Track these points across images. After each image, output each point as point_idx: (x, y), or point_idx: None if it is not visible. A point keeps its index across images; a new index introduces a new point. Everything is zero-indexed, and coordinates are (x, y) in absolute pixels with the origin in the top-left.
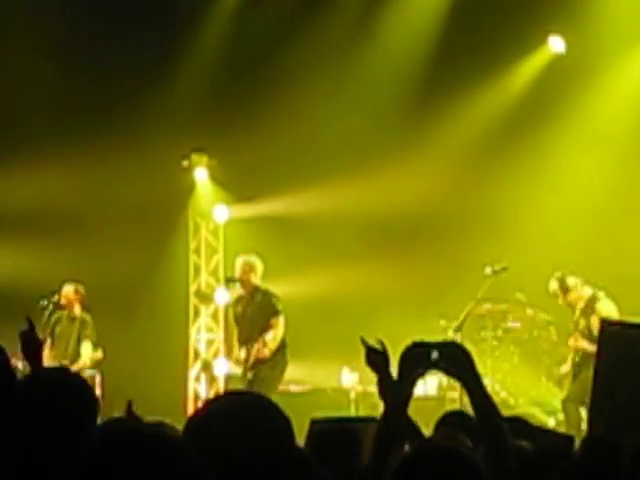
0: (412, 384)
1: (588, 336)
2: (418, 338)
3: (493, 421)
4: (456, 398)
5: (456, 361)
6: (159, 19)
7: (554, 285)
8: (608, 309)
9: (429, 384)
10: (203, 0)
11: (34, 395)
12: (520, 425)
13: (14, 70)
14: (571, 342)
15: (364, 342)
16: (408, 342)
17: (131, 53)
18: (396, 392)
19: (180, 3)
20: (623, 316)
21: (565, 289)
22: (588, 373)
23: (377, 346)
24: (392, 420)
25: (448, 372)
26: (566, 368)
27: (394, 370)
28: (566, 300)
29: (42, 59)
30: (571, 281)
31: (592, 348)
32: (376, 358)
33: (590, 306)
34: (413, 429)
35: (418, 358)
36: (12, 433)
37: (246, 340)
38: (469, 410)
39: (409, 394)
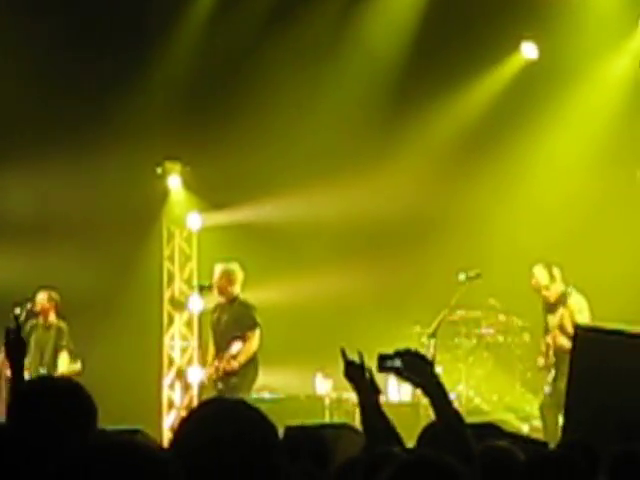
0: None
1: (561, 331)
2: (392, 344)
3: (455, 427)
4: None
5: (417, 369)
6: (131, 27)
7: (542, 273)
8: (580, 303)
9: (403, 390)
10: (176, 7)
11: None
12: (493, 431)
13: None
14: (549, 340)
15: (344, 354)
16: (382, 349)
17: (103, 61)
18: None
19: (152, 11)
20: (597, 316)
21: (552, 277)
22: (564, 378)
23: (355, 359)
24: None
25: (410, 380)
26: (541, 361)
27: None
28: (549, 291)
29: (23, 74)
30: (556, 271)
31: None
32: (354, 371)
33: (564, 301)
34: (393, 434)
35: (380, 366)
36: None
37: (220, 348)
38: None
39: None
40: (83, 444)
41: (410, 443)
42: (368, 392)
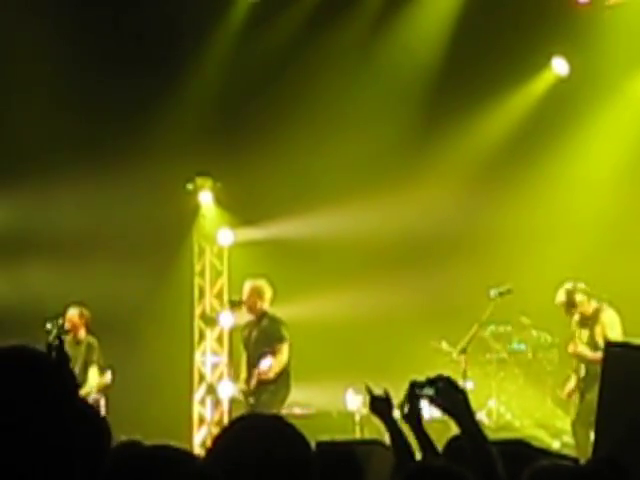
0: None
1: (593, 347)
2: (421, 361)
3: (486, 458)
4: None
5: (450, 397)
6: (164, 42)
7: (562, 297)
8: (611, 318)
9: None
10: (209, 22)
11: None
12: (522, 448)
13: (30, 103)
14: (571, 348)
15: (369, 390)
16: (412, 364)
17: (135, 78)
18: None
19: (185, 26)
20: (628, 330)
21: (572, 303)
22: (594, 394)
23: (381, 394)
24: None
25: (442, 408)
26: (571, 384)
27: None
28: (571, 313)
29: (55, 93)
30: (579, 297)
31: (592, 355)
32: (380, 405)
33: (595, 317)
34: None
35: (412, 394)
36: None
37: (252, 365)
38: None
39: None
40: (96, 467)
41: None
42: (395, 425)
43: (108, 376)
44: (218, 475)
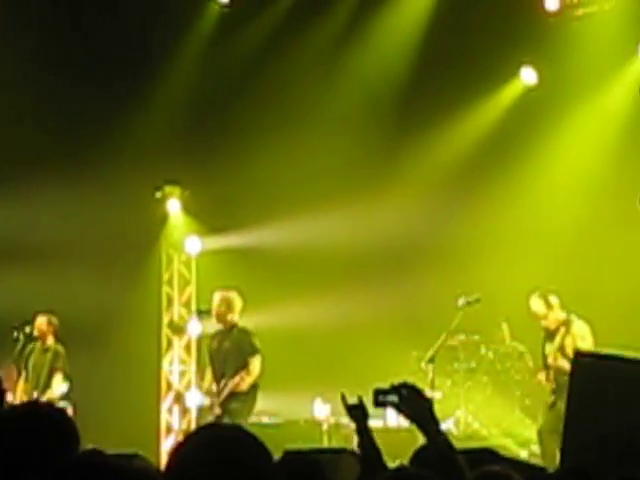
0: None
1: (563, 358)
2: (390, 370)
3: (453, 466)
4: None
5: (414, 404)
6: (133, 49)
7: (538, 303)
8: (582, 329)
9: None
10: (178, 30)
11: (9, 427)
12: (490, 457)
13: None
14: (543, 375)
15: (343, 399)
16: (380, 374)
17: (103, 85)
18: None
19: (154, 33)
20: (599, 343)
21: (549, 306)
22: (563, 403)
23: (355, 402)
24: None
25: (406, 415)
26: (542, 376)
27: None
28: (547, 320)
29: (19, 98)
30: (553, 299)
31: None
32: (356, 413)
33: (565, 328)
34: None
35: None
36: None
37: (219, 374)
38: None
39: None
40: (63, 467)
41: None
42: (368, 432)
43: (66, 385)
44: None
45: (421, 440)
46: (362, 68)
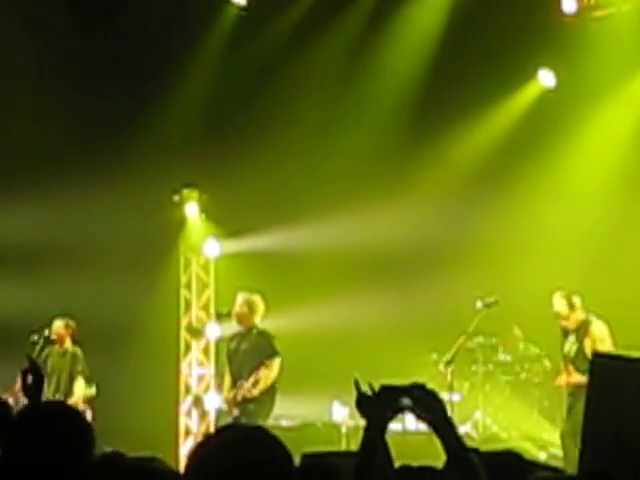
0: (383, 429)
1: (581, 363)
2: (409, 372)
3: (467, 467)
4: None
5: (427, 406)
6: (148, 56)
7: (561, 303)
8: (601, 331)
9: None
10: (194, 36)
11: (32, 427)
12: (512, 459)
13: (17, 119)
14: (563, 379)
15: (357, 385)
16: (399, 375)
17: (122, 90)
18: (367, 438)
19: (171, 40)
20: (619, 342)
21: (572, 306)
22: (582, 405)
23: (368, 391)
24: (367, 464)
25: (419, 417)
26: (561, 379)
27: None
28: (568, 321)
29: (42, 105)
30: (576, 300)
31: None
32: (367, 404)
33: (584, 329)
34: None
35: (387, 402)
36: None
37: (237, 376)
38: None
39: (380, 439)
40: (78, 471)
41: None
42: (377, 433)
43: (93, 388)
44: None
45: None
46: (380, 71)
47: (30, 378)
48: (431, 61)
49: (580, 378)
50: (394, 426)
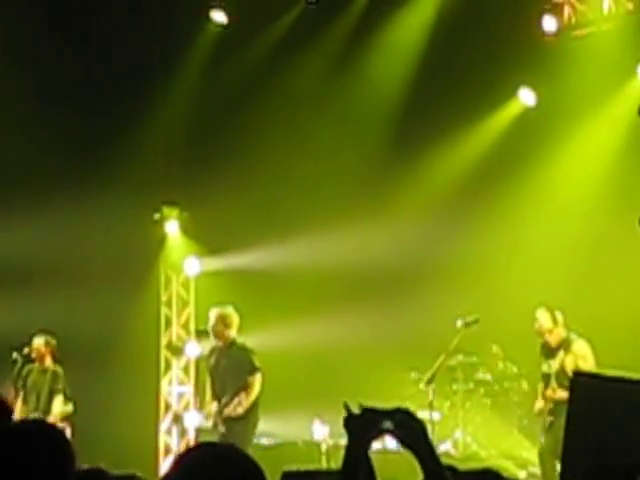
0: (365, 448)
1: (564, 380)
2: (390, 391)
3: None
4: None
5: (409, 431)
6: (131, 73)
7: (545, 316)
8: (584, 349)
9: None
10: (176, 53)
11: (13, 444)
12: (492, 477)
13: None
14: (549, 393)
15: (347, 407)
16: (379, 394)
17: (103, 107)
18: (350, 456)
19: (152, 57)
20: (601, 360)
21: (555, 321)
22: (562, 423)
23: (357, 412)
24: None
25: (401, 441)
26: (540, 404)
27: None
28: (552, 335)
29: (24, 122)
30: (558, 315)
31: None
32: (351, 422)
33: (566, 346)
34: None
35: (368, 425)
36: None
37: (220, 393)
38: None
39: (364, 458)
40: None
41: None
42: (360, 450)
43: (70, 407)
44: None
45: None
46: (361, 89)
47: None
48: (412, 79)
49: (564, 394)
50: (374, 445)
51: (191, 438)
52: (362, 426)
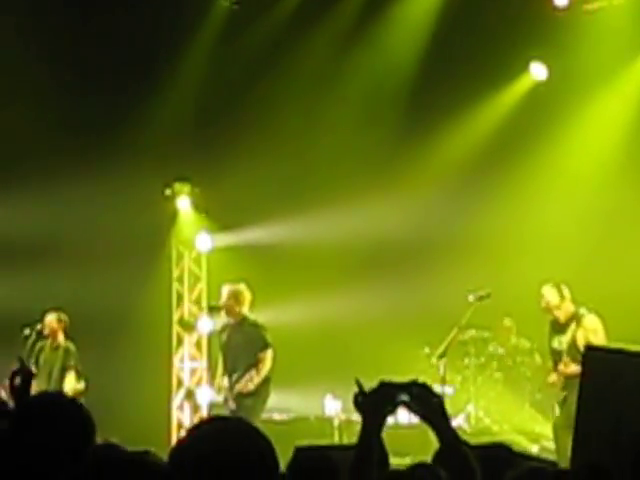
0: (380, 425)
1: (576, 354)
2: (402, 365)
3: (462, 459)
4: None
5: (424, 401)
6: (140, 50)
7: (552, 292)
8: (594, 323)
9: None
10: (186, 30)
11: (35, 415)
12: (502, 451)
13: (11, 113)
14: (562, 368)
15: (359, 384)
16: (391, 369)
17: (115, 85)
18: (365, 434)
19: (163, 34)
20: (612, 335)
21: (562, 296)
22: (574, 398)
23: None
24: (364, 459)
25: (417, 414)
26: (552, 377)
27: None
28: (560, 310)
29: (36, 98)
30: (565, 290)
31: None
32: (364, 400)
33: (576, 321)
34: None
35: (385, 399)
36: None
37: (231, 369)
38: None
39: (378, 435)
40: (79, 461)
41: None
42: (374, 428)
43: (83, 383)
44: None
45: (432, 437)
46: (371, 66)
47: (18, 380)
48: (422, 55)
49: (577, 368)
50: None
51: (204, 413)
52: (377, 401)
